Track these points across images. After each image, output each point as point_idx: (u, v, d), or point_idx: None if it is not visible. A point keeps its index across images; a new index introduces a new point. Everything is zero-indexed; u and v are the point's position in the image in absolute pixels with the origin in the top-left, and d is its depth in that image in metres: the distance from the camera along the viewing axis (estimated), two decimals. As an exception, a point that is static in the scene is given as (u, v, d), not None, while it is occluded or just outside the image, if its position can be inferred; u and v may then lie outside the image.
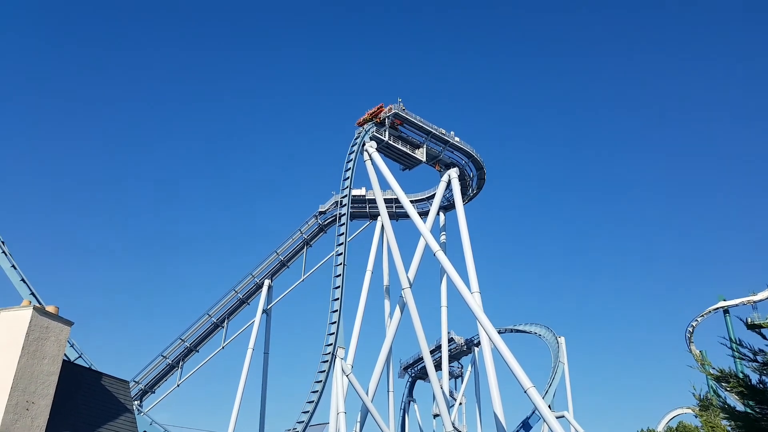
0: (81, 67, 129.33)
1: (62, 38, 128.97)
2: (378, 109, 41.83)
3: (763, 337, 9.80)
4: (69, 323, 14.51)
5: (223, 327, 48.40)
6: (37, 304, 14.63)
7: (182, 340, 47.31)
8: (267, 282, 48.97)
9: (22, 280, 35.42)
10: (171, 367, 47.15)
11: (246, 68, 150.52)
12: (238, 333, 48.81)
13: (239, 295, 48.65)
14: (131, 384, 42.67)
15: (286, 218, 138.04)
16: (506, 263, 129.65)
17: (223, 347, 47.97)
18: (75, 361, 32.98)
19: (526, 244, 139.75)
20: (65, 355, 15.75)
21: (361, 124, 42.53)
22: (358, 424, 39.25)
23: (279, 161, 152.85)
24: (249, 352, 46.18)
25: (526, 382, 29.79)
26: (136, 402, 43.41)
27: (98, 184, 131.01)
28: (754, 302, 48.47)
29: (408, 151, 43.28)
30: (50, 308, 14.44)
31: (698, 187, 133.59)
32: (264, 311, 48.38)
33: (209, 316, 47.86)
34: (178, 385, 47.04)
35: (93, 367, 31.68)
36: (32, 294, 35.35)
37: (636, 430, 37.66)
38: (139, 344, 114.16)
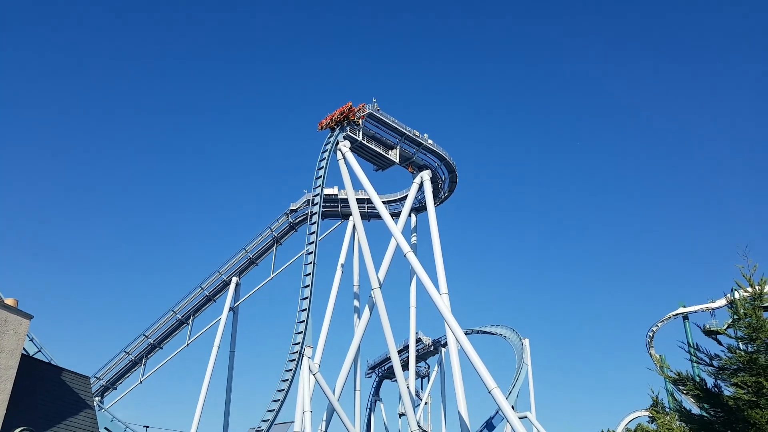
0: (58, 67, 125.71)
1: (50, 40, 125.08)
2: (348, 109, 41.35)
3: (720, 343, 10.19)
4: (28, 316, 14.11)
5: (189, 324, 47.67)
6: (-4, 297, 14.17)
7: (146, 336, 46.42)
8: (235, 279, 48.41)
9: (-21, 271, 34.30)
10: (134, 364, 46.22)
11: (218, 64, 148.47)
12: (203, 330, 48.19)
13: (206, 292, 47.98)
14: (92, 380, 41.56)
15: (256, 215, 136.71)
16: (475, 265, 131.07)
17: (188, 344, 47.26)
18: (34, 356, 32.06)
19: (495, 246, 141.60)
20: (24, 349, 15.32)
21: (323, 128, 42.04)
22: (324, 423, 39.14)
23: (250, 158, 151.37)
24: (214, 349, 45.60)
25: (491, 382, 30.19)
26: (97, 398, 42.39)
27: (61, 179, 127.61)
28: (713, 309, 50.00)
29: (381, 152, 43.36)
30: (9, 301, 14.02)
31: (662, 194, 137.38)
32: (231, 309, 47.84)
33: (174, 312, 47.07)
34: (140, 382, 46.15)
35: (53, 362, 30.87)
36: (-11, 286, 34.19)
37: (597, 431, 38.45)
38: (101, 340, 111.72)
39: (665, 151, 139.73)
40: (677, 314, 52.65)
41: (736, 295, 10.12)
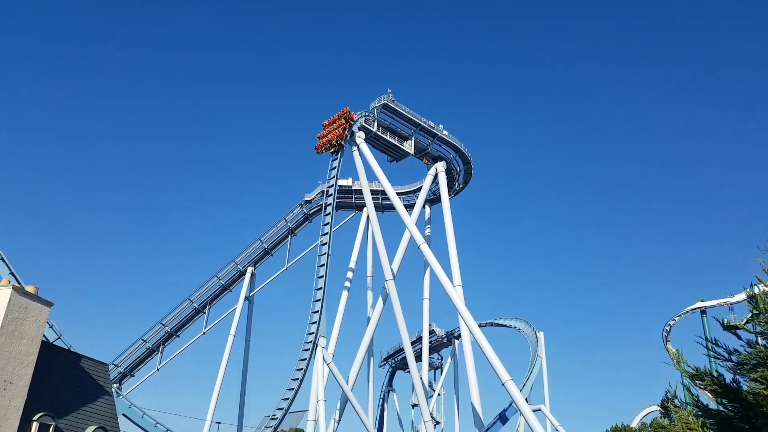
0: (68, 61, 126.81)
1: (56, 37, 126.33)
2: (344, 118, 39.62)
3: (739, 337, 10.04)
4: (48, 304, 14.35)
5: (205, 313, 48.18)
6: (17, 284, 14.43)
7: (163, 325, 47.00)
8: (250, 269, 48.78)
9: (1, 259, 34.90)
10: (151, 351, 46.87)
11: (237, 55, 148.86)
12: (219, 319, 48.72)
13: (222, 281, 48.42)
14: (110, 367, 42.33)
15: (271, 206, 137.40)
16: (489, 258, 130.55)
17: (204, 333, 47.81)
18: (54, 343, 32.66)
19: (509, 239, 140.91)
20: (44, 336, 15.58)
21: (321, 152, 40.51)
22: (338, 412, 39.41)
23: (266, 149, 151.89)
24: (230, 338, 46.08)
25: (504, 375, 30.13)
26: (115, 385, 43.07)
27: (81, 169, 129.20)
28: (731, 304, 49.27)
29: (396, 143, 43.17)
30: (30, 288, 14.25)
31: (682, 188, 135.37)
32: (246, 298, 48.25)
33: (191, 301, 47.59)
34: (158, 369, 46.82)
35: (72, 349, 31.40)
36: (11, 273, 34.88)
37: (610, 425, 38.28)
38: (119, 328, 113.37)
39: (686, 146, 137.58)
40: (695, 309, 52.02)
41: (756, 290, 9.95)
